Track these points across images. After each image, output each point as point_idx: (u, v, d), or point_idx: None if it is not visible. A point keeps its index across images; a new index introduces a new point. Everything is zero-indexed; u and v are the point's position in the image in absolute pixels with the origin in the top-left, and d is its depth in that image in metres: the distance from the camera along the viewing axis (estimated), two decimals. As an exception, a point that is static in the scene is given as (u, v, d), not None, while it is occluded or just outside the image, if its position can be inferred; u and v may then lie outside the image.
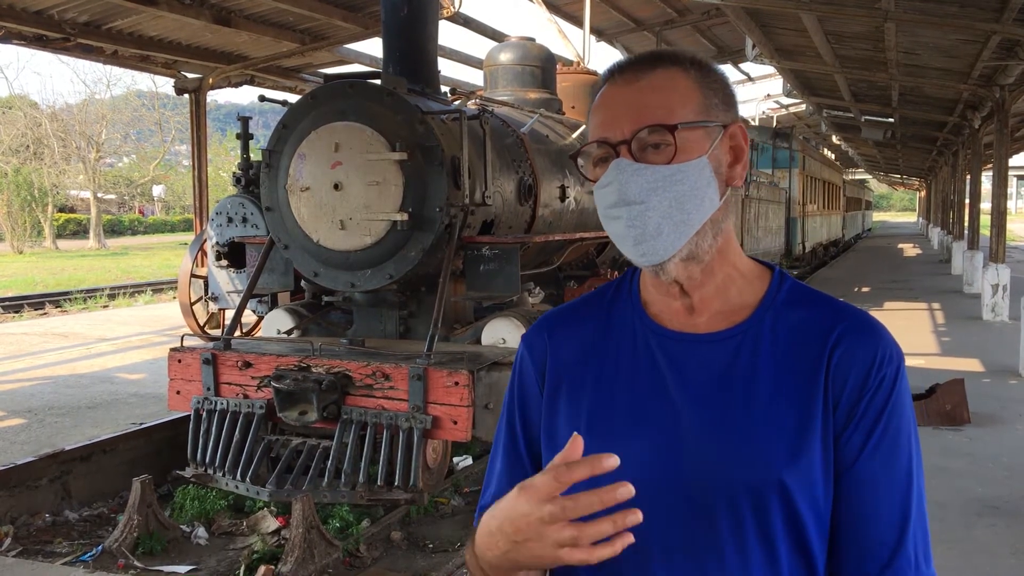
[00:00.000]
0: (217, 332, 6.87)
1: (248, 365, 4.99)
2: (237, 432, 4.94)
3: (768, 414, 1.13)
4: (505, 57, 7.74)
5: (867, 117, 20.27)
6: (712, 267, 1.18)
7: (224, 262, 6.57)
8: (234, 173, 6.93)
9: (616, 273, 7.49)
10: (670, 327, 1.20)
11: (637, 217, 1.12)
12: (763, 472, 1.11)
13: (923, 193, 54.82)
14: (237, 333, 5.82)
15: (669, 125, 1.11)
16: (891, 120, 20.40)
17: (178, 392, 5.19)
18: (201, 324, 7.77)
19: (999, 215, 13.25)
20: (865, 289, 17.73)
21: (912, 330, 11.83)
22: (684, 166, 1.12)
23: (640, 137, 1.11)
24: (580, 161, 1.20)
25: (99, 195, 39.81)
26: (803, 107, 20.97)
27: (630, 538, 0.97)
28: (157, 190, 50.32)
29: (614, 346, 1.22)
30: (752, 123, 24.32)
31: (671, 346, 1.19)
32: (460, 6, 10.29)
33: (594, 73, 9.30)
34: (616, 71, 1.18)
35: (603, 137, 1.14)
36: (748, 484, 1.11)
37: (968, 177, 19.98)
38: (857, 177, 53.49)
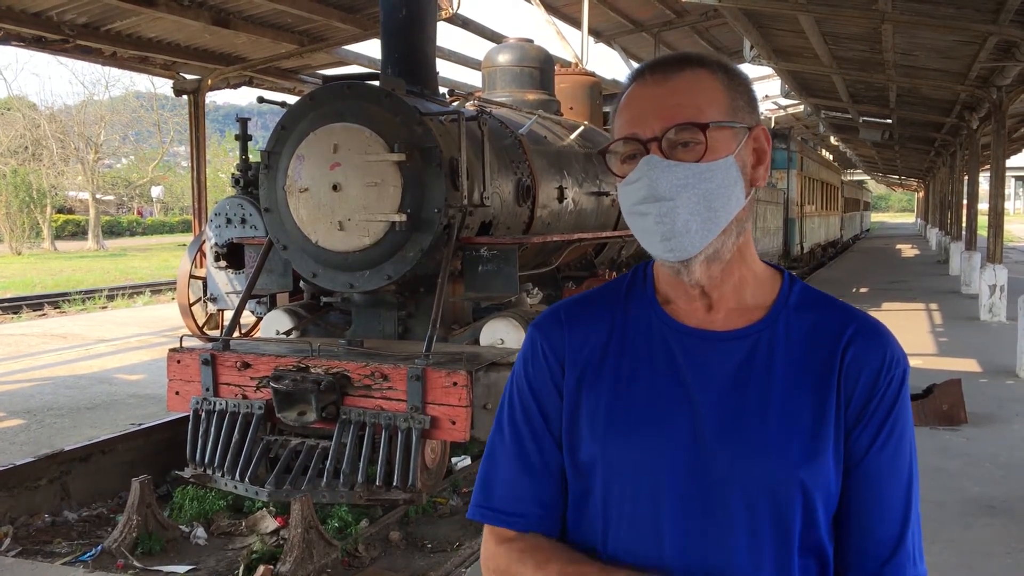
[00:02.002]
0: (216, 333, 6.87)
1: (247, 366, 5.01)
2: (236, 432, 4.95)
3: (785, 413, 1.16)
4: (503, 58, 7.76)
5: (865, 118, 20.29)
6: (732, 265, 1.21)
7: (223, 263, 6.59)
8: (233, 174, 6.95)
9: (614, 274, 7.50)
10: (687, 323, 1.23)
11: (667, 214, 1.13)
12: (783, 470, 1.14)
13: (921, 194, 54.88)
14: (236, 334, 5.83)
15: (701, 124, 1.13)
16: (889, 121, 20.42)
17: (177, 393, 5.20)
18: (200, 325, 7.78)
19: (996, 216, 13.27)
20: (863, 289, 17.75)
21: (910, 330, 11.84)
22: (713, 164, 1.14)
23: (670, 135, 1.14)
24: (607, 158, 1.21)
25: (97, 196, 39.80)
26: (801, 108, 20.99)
27: None
28: (156, 191, 50.29)
29: (632, 342, 1.24)
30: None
31: (689, 342, 1.21)
32: (458, 7, 10.30)
33: (592, 74, 9.31)
34: (644, 71, 1.20)
35: (632, 134, 1.16)
36: (768, 481, 1.14)
37: (966, 178, 20.02)
38: (855, 178, 53.53)
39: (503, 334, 5.26)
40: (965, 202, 19.40)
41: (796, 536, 1.16)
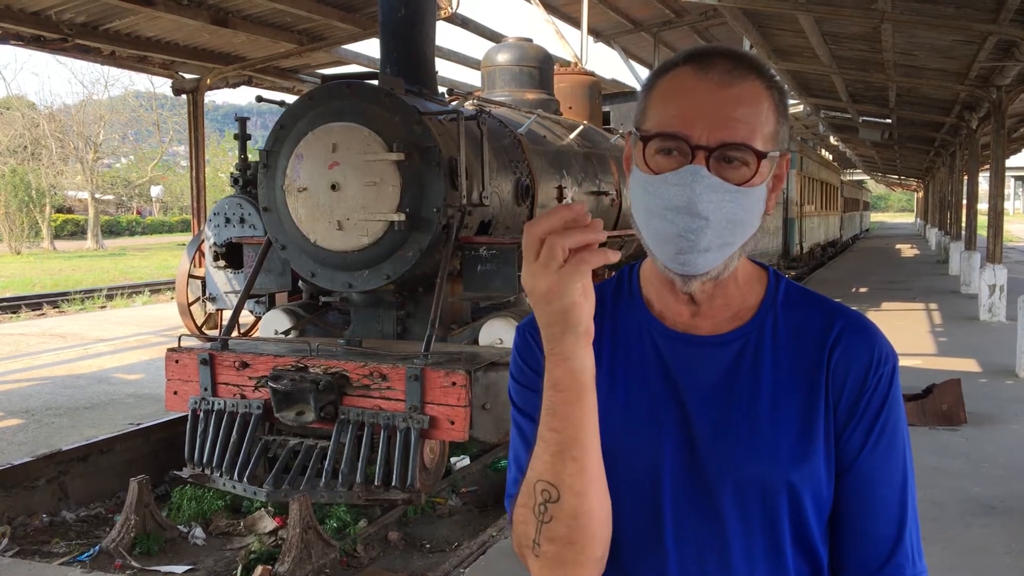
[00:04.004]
0: (214, 332, 6.86)
1: (245, 365, 5.00)
2: (234, 432, 4.95)
3: (774, 414, 1.15)
4: (503, 58, 7.75)
5: (865, 118, 20.28)
6: (726, 283, 1.19)
7: (222, 263, 6.57)
8: (232, 174, 6.94)
9: (612, 273, 7.49)
10: (675, 328, 1.21)
11: (695, 231, 1.08)
12: (772, 472, 1.14)
13: (921, 194, 54.88)
14: (234, 333, 5.82)
15: (759, 151, 1.09)
16: (888, 121, 20.41)
17: (175, 392, 5.20)
18: (199, 324, 7.77)
19: (996, 216, 13.25)
20: (863, 289, 17.75)
21: (909, 330, 11.84)
22: (751, 191, 1.10)
23: (721, 149, 1.08)
24: (632, 138, 1.15)
25: (97, 196, 39.76)
26: (801, 108, 20.97)
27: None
28: (155, 191, 50.23)
29: (622, 345, 1.23)
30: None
31: (677, 347, 1.20)
32: (458, 7, 10.30)
33: (591, 74, 9.31)
34: (704, 62, 1.12)
35: (683, 133, 1.09)
36: (757, 483, 1.14)
37: (965, 178, 20.01)
38: (855, 178, 53.53)
39: (502, 334, 5.25)
40: (965, 202, 19.38)
41: (788, 538, 1.15)
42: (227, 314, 6.37)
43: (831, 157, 36.60)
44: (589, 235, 1.00)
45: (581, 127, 7.61)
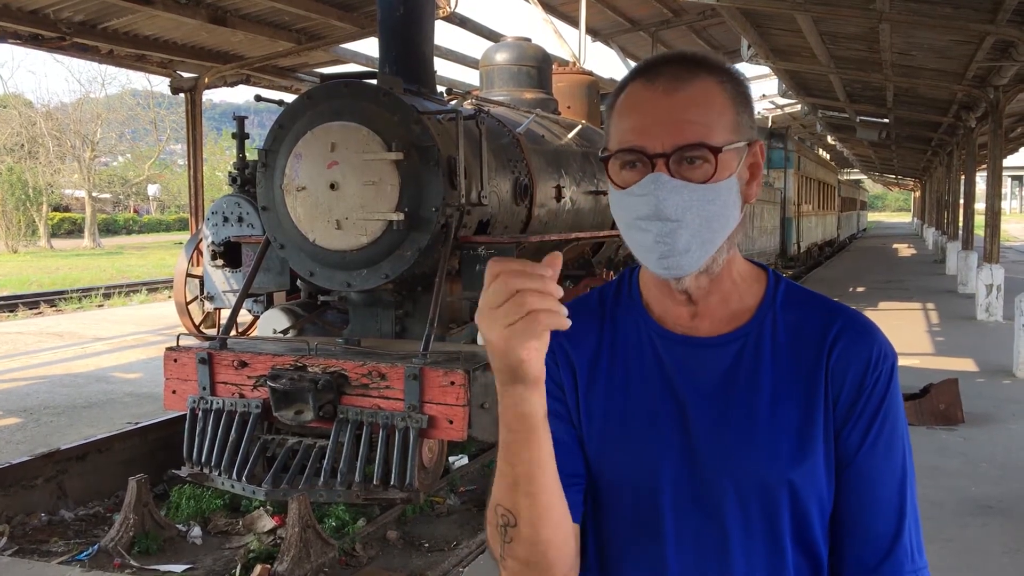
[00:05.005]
0: (213, 332, 6.86)
1: (244, 364, 4.99)
2: (233, 431, 4.94)
3: (773, 414, 1.16)
4: (501, 57, 7.75)
5: (862, 118, 20.30)
6: (721, 277, 1.20)
7: (220, 262, 6.56)
8: (230, 172, 6.93)
9: (612, 273, 7.50)
10: (674, 330, 1.22)
11: (669, 234, 1.11)
12: (772, 471, 1.15)
13: (918, 193, 54.92)
14: (233, 333, 5.81)
15: (713, 147, 1.10)
16: (886, 121, 20.42)
17: (174, 391, 5.19)
18: (197, 323, 7.76)
19: (993, 215, 13.27)
20: (860, 289, 17.76)
21: (906, 330, 11.86)
22: (718, 186, 1.11)
23: (679, 152, 1.10)
24: (599, 161, 1.18)
25: (94, 194, 39.71)
26: (798, 107, 20.99)
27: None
28: (152, 189, 50.14)
29: (622, 349, 1.23)
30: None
31: (676, 349, 1.21)
32: (456, 6, 10.30)
33: (590, 73, 9.31)
34: (650, 73, 1.15)
35: (639, 146, 1.11)
36: (758, 482, 1.15)
37: (963, 177, 20.02)
38: (852, 177, 53.58)
39: (501, 333, 5.24)
40: (962, 201, 19.40)
41: (788, 535, 1.16)
42: (225, 313, 6.37)
43: (828, 156, 36.62)
44: (551, 300, 0.98)
45: (579, 126, 7.61)
